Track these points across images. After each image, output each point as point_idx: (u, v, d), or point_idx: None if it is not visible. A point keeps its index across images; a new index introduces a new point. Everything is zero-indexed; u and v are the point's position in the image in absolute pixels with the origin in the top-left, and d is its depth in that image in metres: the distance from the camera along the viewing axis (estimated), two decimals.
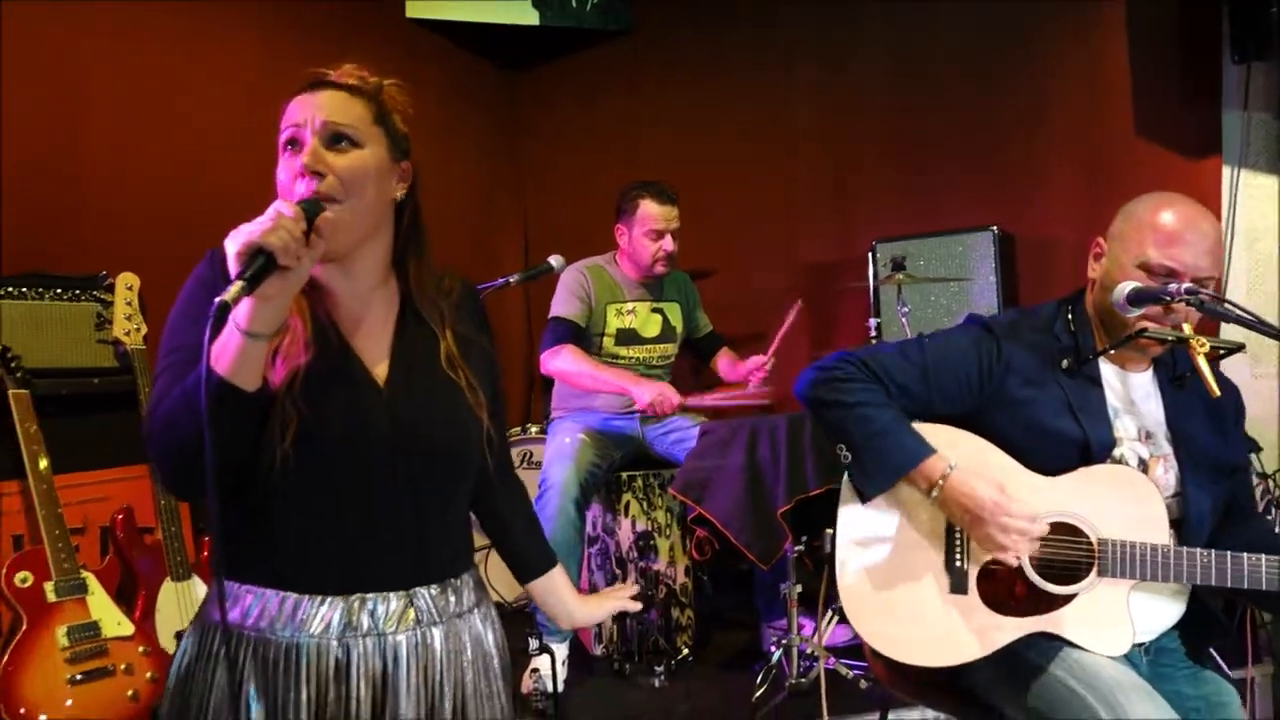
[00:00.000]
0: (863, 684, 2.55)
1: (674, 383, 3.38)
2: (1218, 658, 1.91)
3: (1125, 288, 1.64)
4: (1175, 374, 1.77)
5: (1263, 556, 1.58)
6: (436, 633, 1.28)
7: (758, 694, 2.52)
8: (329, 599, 1.22)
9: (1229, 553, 1.60)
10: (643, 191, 3.18)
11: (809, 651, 2.58)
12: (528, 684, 2.68)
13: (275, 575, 1.22)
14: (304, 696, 1.20)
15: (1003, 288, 3.46)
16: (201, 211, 3.18)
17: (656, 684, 2.80)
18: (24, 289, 2.63)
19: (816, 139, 4.07)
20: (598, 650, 3.04)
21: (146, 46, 3.13)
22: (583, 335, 3.15)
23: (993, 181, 3.72)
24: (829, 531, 1.83)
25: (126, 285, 2.75)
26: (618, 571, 3.03)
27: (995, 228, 3.47)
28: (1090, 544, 1.65)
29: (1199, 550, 1.61)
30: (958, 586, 1.68)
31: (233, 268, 1.07)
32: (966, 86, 3.75)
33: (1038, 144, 3.63)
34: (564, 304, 3.15)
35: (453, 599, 1.31)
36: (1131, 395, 1.75)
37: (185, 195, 3.20)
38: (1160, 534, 1.63)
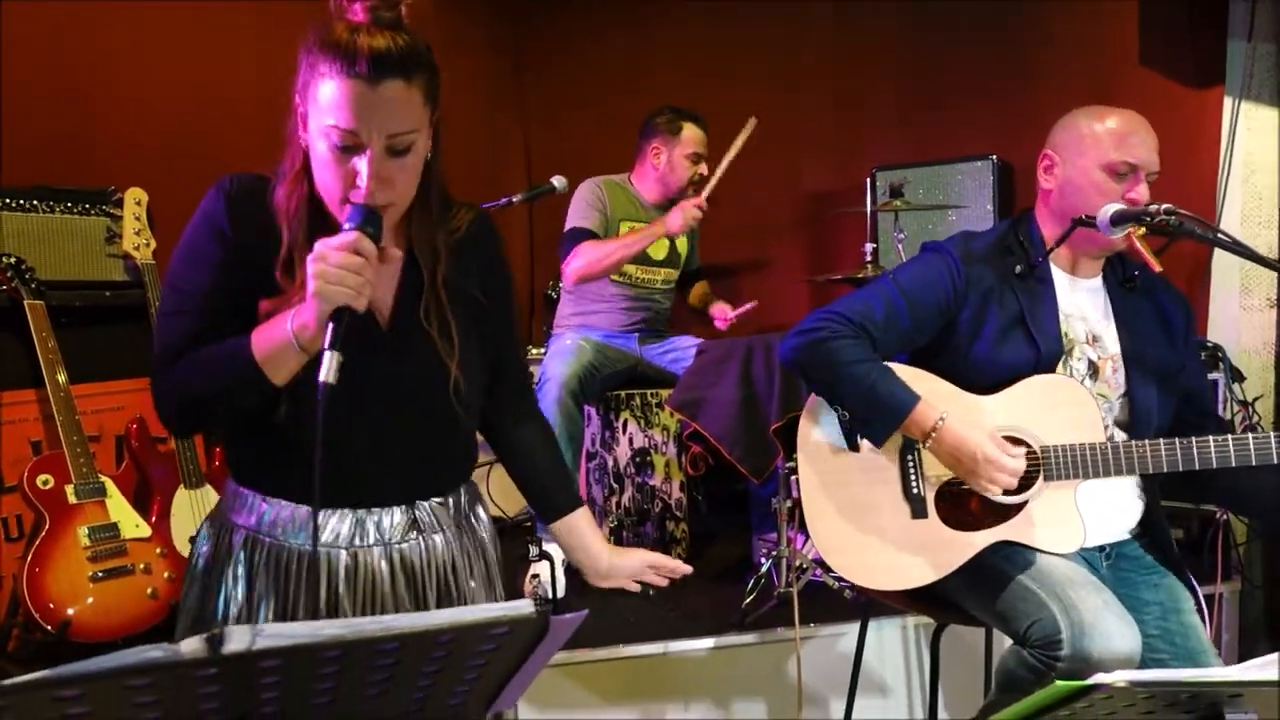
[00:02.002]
0: (847, 594, 2.66)
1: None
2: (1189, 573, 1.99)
3: (1109, 210, 1.69)
4: (1124, 277, 1.85)
5: (1193, 439, 1.66)
6: (438, 539, 1.37)
7: (746, 601, 2.63)
8: (338, 511, 1.30)
9: (1161, 440, 1.68)
10: (686, 116, 3.22)
11: (797, 563, 2.69)
12: (528, 589, 2.80)
13: (291, 489, 1.29)
14: (319, 599, 1.29)
15: (999, 216, 3.49)
16: (208, 128, 3.19)
17: (651, 592, 2.90)
18: (34, 202, 2.66)
19: (824, 66, 4.05)
20: None
21: None
22: None
23: (997, 111, 3.71)
24: (794, 477, 1.91)
25: (135, 200, 2.79)
26: (615, 486, 3.13)
27: (994, 157, 3.49)
28: (1035, 453, 1.73)
29: (1134, 442, 1.70)
30: (918, 512, 1.77)
31: (313, 318, 1.12)
32: (973, 15, 3.73)
33: (1043, 73, 3.61)
34: (581, 215, 3.14)
35: (452, 508, 1.40)
36: (1080, 299, 1.83)
37: (192, 112, 3.18)
38: (1096, 433, 1.72)
